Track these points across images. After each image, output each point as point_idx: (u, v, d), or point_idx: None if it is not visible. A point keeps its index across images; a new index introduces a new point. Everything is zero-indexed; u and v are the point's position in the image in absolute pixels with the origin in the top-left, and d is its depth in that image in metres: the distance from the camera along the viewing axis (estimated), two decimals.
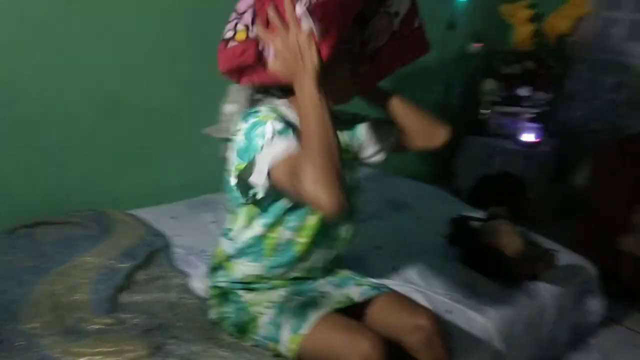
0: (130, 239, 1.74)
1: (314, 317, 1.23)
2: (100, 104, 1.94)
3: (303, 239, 1.28)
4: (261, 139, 1.08)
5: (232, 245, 1.33)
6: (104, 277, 1.54)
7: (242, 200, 1.22)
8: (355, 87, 1.26)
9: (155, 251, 1.70)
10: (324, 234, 1.30)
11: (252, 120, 1.13)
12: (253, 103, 1.28)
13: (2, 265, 1.53)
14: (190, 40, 2.08)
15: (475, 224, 1.92)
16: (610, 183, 2.48)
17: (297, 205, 1.23)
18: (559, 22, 3.11)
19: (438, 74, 3.13)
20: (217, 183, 2.23)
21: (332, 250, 1.37)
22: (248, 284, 1.36)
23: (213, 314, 1.40)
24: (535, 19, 3.16)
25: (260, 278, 1.35)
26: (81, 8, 1.81)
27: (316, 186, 0.97)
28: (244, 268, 1.34)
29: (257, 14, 1.13)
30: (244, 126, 1.15)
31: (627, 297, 2.47)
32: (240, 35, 1.17)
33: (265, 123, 1.10)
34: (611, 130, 3.10)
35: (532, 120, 3.14)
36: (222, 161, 1.39)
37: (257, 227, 1.27)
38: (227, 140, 1.28)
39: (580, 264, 2.05)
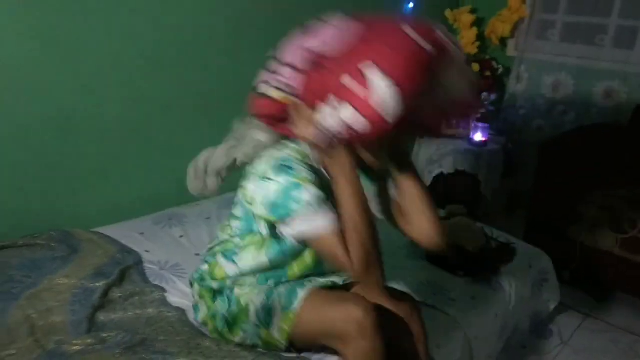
0: (99, 258, 1.72)
1: (302, 294, 1.27)
2: (56, 121, 1.90)
3: (296, 270, 1.36)
4: (297, 204, 1.14)
5: (234, 269, 1.36)
6: (78, 297, 1.52)
7: (259, 229, 1.30)
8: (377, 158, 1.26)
9: (126, 268, 1.69)
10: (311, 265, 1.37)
11: (288, 178, 1.16)
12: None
13: None
14: (145, 56, 2.08)
15: None
16: (557, 176, 2.64)
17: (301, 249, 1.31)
18: (499, 26, 3.27)
19: None
20: (180, 196, 2.24)
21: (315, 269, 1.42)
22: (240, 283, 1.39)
23: (200, 315, 1.42)
24: (478, 23, 3.32)
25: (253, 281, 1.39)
26: (34, 26, 1.77)
27: (362, 266, 1.13)
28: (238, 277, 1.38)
29: (304, 94, 1.15)
30: (278, 181, 1.17)
31: (578, 284, 2.63)
32: (275, 94, 1.18)
33: (301, 187, 1.15)
34: (553, 127, 3.29)
35: (480, 120, 3.29)
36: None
37: (264, 260, 1.32)
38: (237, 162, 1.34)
39: (535, 254, 2.18)
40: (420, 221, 1.31)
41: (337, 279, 1.43)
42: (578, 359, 2.15)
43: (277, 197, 1.16)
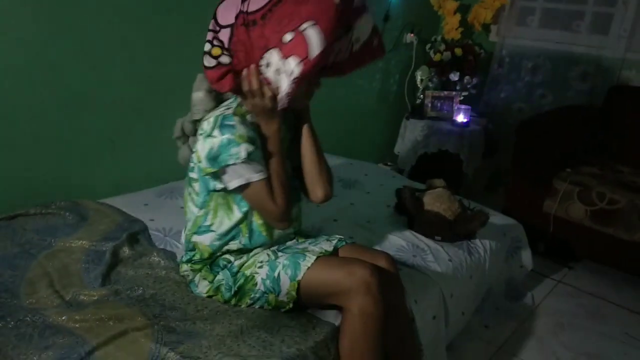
0: (107, 225, 1.87)
1: (305, 263, 1.42)
2: (66, 99, 2.04)
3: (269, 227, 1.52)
4: (234, 158, 1.32)
5: (214, 239, 1.50)
6: (91, 257, 1.67)
7: (216, 186, 1.43)
8: (307, 98, 1.46)
9: (134, 233, 1.83)
10: None
11: (227, 135, 1.33)
12: (218, 94, 1.49)
13: None
14: (148, 37, 2.22)
15: (418, 194, 2.17)
16: (533, 155, 2.81)
17: None
18: (482, 12, 3.42)
19: (377, 63, 3.38)
20: (182, 171, 2.38)
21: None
22: (231, 251, 1.54)
23: (203, 290, 1.52)
24: (462, 10, 3.47)
25: (240, 251, 1.54)
26: (45, 9, 1.90)
27: (284, 206, 1.39)
28: (225, 250, 1.53)
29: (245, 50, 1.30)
30: (219, 137, 1.33)
31: (552, 254, 2.82)
32: (216, 51, 1.33)
33: (239, 144, 1.32)
34: (532, 109, 3.46)
35: (463, 102, 3.46)
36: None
37: (237, 213, 1.47)
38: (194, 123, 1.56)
39: (510, 224, 2.36)
40: (308, 174, 1.54)
41: (327, 246, 1.56)
42: (548, 321, 2.34)
43: (217, 151, 1.33)
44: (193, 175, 1.49)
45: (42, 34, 1.92)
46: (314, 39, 1.20)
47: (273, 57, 1.26)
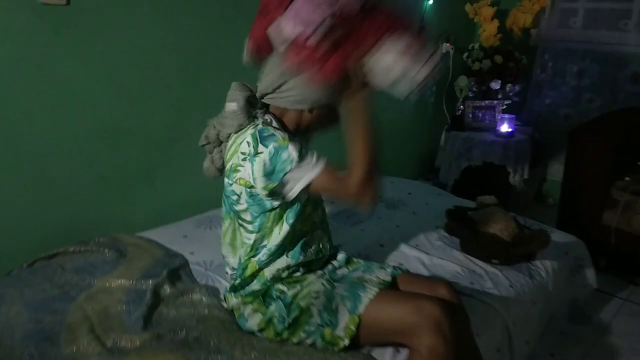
0: (146, 261, 1.80)
1: (366, 296, 1.33)
2: (101, 133, 2.00)
3: (306, 228, 1.46)
4: (288, 163, 1.26)
5: (264, 256, 1.42)
6: (131, 297, 1.60)
7: (274, 204, 1.36)
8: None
9: (174, 269, 1.76)
10: (312, 220, 1.49)
11: (272, 144, 1.28)
12: (250, 108, 1.40)
13: (32, 297, 1.57)
14: (184, 65, 2.17)
15: (470, 213, 2.03)
16: (588, 163, 2.64)
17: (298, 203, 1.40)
18: (521, 17, 3.28)
19: None
20: (219, 199, 2.32)
21: (320, 231, 1.53)
22: (281, 279, 1.45)
23: (254, 324, 1.42)
24: (499, 15, 3.33)
25: (288, 268, 1.45)
26: (77, 47, 1.87)
27: (364, 188, 1.24)
28: (272, 268, 1.44)
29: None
30: (266, 149, 1.28)
31: (614, 270, 2.63)
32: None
33: (287, 147, 1.27)
34: (580, 114, 3.29)
35: (505, 111, 3.31)
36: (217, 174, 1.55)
37: (285, 226, 1.40)
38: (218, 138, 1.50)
39: (570, 241, 2.19)
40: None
41: (384, 275, 1.47)
42: (618, 345, 2.16)
43: (270, 164, 1.28)
44: (240, 207, 1.41)
45: (74, 67, 1.89)
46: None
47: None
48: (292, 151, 1.26)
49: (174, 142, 2.21)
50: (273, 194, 1.33)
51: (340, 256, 1.61)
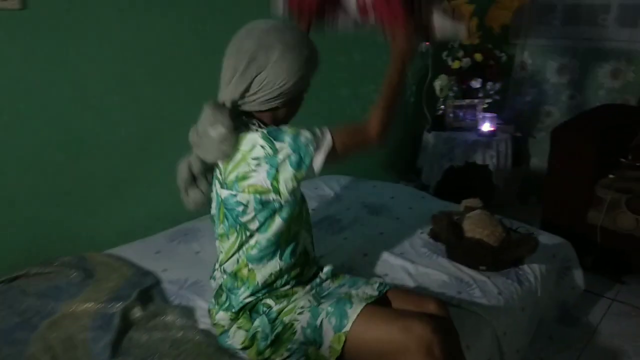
0: (115, 282, 1.69)
1: (352, 312, 1.26)
2: (64, 145, 1.89)
3: (296, 227, 1.40)
4: (311, 144, 1.25)
5: (256, 251, 1.35)
6: (98, 322, 1.49)
7: (280, 204, 1.32)
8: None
9: (145, 289, 1.66)
10: (300, 220, 1.43)
11: (287, 137, 1.25)
12: (239, 123, 1.30)
13: None
14: (153, 72, 2.06)
15: (457, 218, 1.96)
16: (572, 161, 2.59)
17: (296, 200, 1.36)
18: (499, 14, 3.23)
19: None
20: (192, 211, 2.21)
21: (305, 232, 1.46)
22: (272, 288, 1.38)
23: (237, 342, 1.36)
24: (478, 13, 3.27)
25: (279, 273, 1.38)
26: (36, 50, 1.76)
27: (385, 125, 1.35)
28: (264, 270, 1.36)
29: None
30: (283, 143, 1.24)
31: (601, 269, 2.58)
32: None
33: (299, 132, 1.26)
34: (561, 111, 3.25)
35: (486, 110, 3.25)
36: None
37: (278, 220, 1.33)
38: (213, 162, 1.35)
39: (557, 243, 2.13)
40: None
41: (371, 291, 1.41)
42: (609, 347, 2.11)
43: (295, 154, 1.24)
44: (247, 217, 1.32)
45: (32, 75, 1.76)
46: None
47: None
48: (304, 132, 1.25)
49: (144, 152, 2.09)
50: (303, 179, 1.29)
51: (326, 269, 1.53)
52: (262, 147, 1.25)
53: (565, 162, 2.62)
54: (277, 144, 1.24)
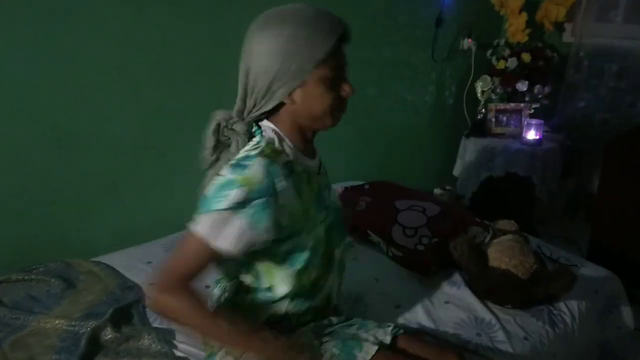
0: (96, 295, 1.56)
1: (363, 355, 1.10)
2: (55, 142, 1.76)
3: (323, 272, 1.20)
4: (218, 202, 0.98)
5: (267, 298, 1.17)
6: (66, 343, 1.36)
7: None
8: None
9: (125, 307, 1.51)
10: (330, 263, 1.22)
11: (232, 175, 1.01)
12: (223, 137, 1.12)
13: None
14: (153, 64, 1.89)
15: (485, 243, 1.72)
16: (626, 177, 2.30)
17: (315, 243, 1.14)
18: (553, 9, 2.91)
19: (429, 74, 2.95)
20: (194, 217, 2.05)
21: (335, 273, 1.26)
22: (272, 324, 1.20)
23: None
24: (528, 8, 2.96)
25: (286, 316, 1.20)
26: (23, 42, 1.63)
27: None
28: (268, 311, 1.19)
29: None
30: (225, 175, 1.01)
31: None
32: None
33: (236, 187, 0.99)
34: (619, 119, 2.91)
35: (533, 116, 2.96)
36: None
37: (290, 271, 1.13)
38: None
39: (602, 276, 1.85)
40: None
41: (382, 336, 1.23)
42: None
43: (212, 192, 1.01)
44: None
45: (20, 67, 1.64)
46: None
47: None
48: (233, 194, 0.98)
49: (144, 152, 1.95)
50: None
51: (343, 317, 1.33)
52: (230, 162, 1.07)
53: (620, 178, 2.33)
54: (226, 170, 1.04)
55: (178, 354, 1.36)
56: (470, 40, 3.00)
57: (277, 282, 1.14)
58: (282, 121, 1.11)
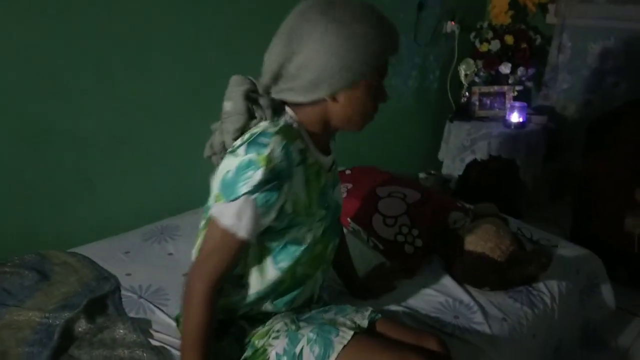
0: (71, 286, 1.53)
1: (339, 342, 1.07)
2: (26, 134, 1.71)
3: (312, 270, 1.20)
4: (245, 186, 0.96)
5: (245, 297, 1.15)
6: (40, 335, 1.34)
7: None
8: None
9: (100, 297, 1.49)
10: (318, 262, 1.21)
11: (251, 155, 0.97)
12: (253, 106, 1.07)
13: None
14: (127, 54, 1.85)
15: (468, 227, 1.70)
16: (609, 158, 2.29)
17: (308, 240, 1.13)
18: None
19: (412, 58, 2.92)
20: (174, 206, 2.03)
21: (323, 272, 1.27)
22: (249, 316, 1.20)
23: None
24: None
25: (265, 314, 1.21)
26: None
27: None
28: (246, 308, 1.19)
29: None
30: (242, 155, 0.98)
31: (637, 284, 2.28)
32: None
33: (258, 168, 0.96)
34: (603, 101, 2.90)
35: (517, 98, 2.95)
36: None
37: (272, 271, 1.12)
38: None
39: (582, 255, 1.86)
40: None
41: (360, 319, 1.22)
42: None
43: (233, 176, 0.97)
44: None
45: None
46: None
47: None
48: (258, 174, 0.95)
49: (120, 143, 1.91)
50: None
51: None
52: (241, 138, 1.04)
53: (601, 161, 2.32)
54: (241, 148, 0.99)
55: (154, 342, 1.35)
56: (453, 23, 2.97)
57: (256, 277, 1.13)
58: (306, 112, 1.07)
